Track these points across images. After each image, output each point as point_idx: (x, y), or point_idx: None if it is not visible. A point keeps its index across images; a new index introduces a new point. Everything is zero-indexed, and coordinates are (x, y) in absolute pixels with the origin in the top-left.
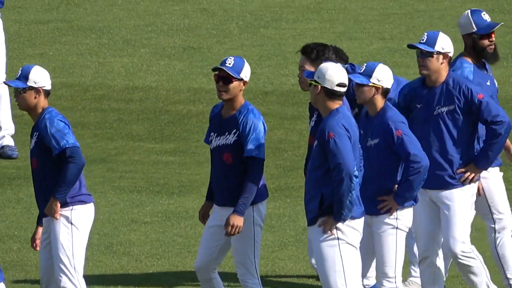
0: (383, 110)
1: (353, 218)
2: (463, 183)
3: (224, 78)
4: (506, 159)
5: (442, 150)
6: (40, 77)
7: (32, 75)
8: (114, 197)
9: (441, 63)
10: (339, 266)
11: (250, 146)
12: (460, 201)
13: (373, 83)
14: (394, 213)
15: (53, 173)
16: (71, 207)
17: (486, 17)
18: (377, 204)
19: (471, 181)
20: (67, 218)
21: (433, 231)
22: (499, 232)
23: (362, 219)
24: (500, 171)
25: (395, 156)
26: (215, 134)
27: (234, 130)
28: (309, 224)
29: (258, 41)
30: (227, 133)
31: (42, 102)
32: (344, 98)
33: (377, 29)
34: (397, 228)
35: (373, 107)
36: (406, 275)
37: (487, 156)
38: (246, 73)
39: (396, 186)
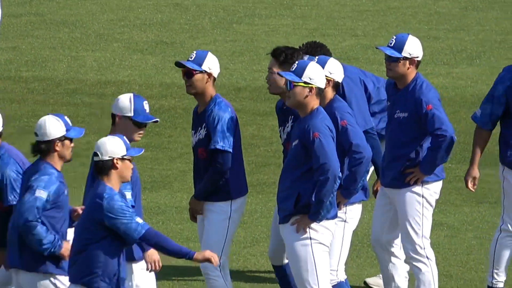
0: (331, 101)
1: (327, 218)
2: (408, 183)
3: (187, 72)
4: None
5: (395, 151)
6: (214, 63)
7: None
8: None
9: (408, 68)
10: (311, 266)
11: (214, 138)
12: (407, 202)
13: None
14: (343, 208)
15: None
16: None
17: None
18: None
19: (416, 182)
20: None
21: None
22: (501, 232)
23: (335, 220)
24: None
25: (339, 147)
26: (193, 131)
27: (204, 125)
28: (281, 222)
29: (231, 36)
30: (199, 128)
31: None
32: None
33: (350, 26)
34: (345, 221)
35: (323, 100)
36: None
37: (430, 164)
38: (209, 65)
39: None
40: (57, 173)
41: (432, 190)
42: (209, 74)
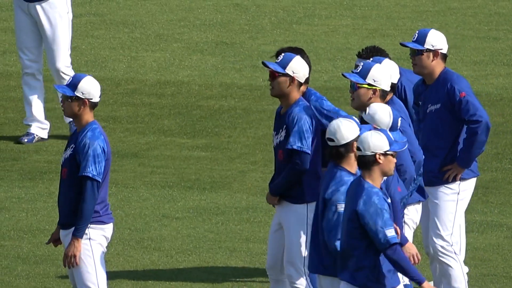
0: (387, 103)
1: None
2: (446, 181)
3: (271, 74)
4: None
5: (431, 147)
6: (89, 88)
7: (81, 85)
8: (146, 192)
9: (432, 60)
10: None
11: (291, 138)
12: (444, 198)
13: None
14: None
15: (78, 189)
16: (89, 225)
17: None
18: None
19: (454, 179)
20: (85, 234)
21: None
22: None
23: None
24: None
25: None
26: (275, 132)
27: (284, 126)
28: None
29: (290, 37)
30: (280, 130)
31: (87, 114)
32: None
33: (409, 26)
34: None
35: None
36: None
37: (468, 154)
38: (293, 69)
39: None
40: (351, 177)
41: (468, 187)
42: (293, 78)
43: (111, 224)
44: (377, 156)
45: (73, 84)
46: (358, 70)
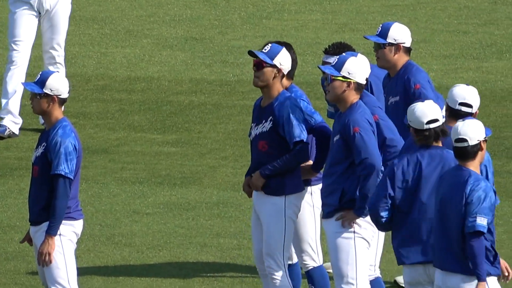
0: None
1: None
2: None
3: (257, 64)
4: None
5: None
6: (57, 85)
7: (50, 81)
8: (116, 188)
9: (394, 54)
10: (352, 259)
11: (295, 131)
12: None
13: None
14: None
15: (50, 187)
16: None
17: None
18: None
19: None
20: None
21: None
22: None
23: None
24: None
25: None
26: (254, 124)
27: (270, 118)
28: (325, 217)
29: (260, 32)
30: (264, 121)
31: (56, 111)
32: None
33: (379, 21)
34: None
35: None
36: None
37: None
38: (281, 60)
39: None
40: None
41: None
42: (279, 70)
43: (81, 220)
44: (481, 143)
45: (41, 81)
46: (334, 63)
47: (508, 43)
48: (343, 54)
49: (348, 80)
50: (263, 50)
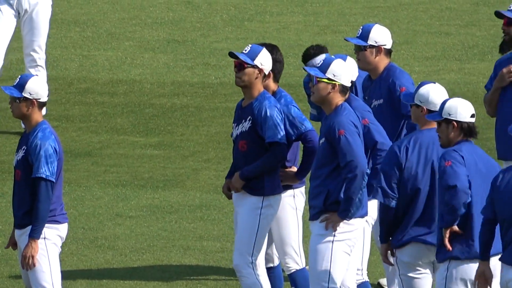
0: (348, 101)
1: (356, 216)
2: None
3: (238, 64)
4: None
5: None
6: (36, 88)
7: (29, 85)
8: (99, 191)
9: (375, 57)
10: (327, 263)
11: (268, 132)
12: None
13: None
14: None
15: (33, 190)
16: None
17: None
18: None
19: None
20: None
21: None
22: None
23: (365, 218)
24: None
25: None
26: (235, 124)
27: (249, 117)
28: (311, 219)
29: (242, 34)
30: (243, 121)
31: (36, 114)
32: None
33: (361, 22)
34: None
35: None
36: None
37: None
38: (261, 61)
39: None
40: None
41: None
42: (260, 70)
43: (66, 224)
44: None
45: (20, 85)
46: (319, 64)
47: (490, 45)
48: (330, 56)
49: (333, 82)
50: (244, 51)
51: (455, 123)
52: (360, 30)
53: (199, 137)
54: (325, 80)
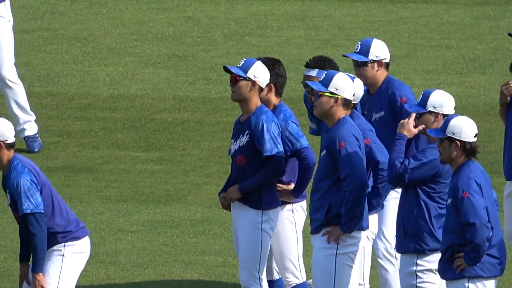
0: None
1: (358, 229)
2: None
3: (232, 79)
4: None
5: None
6: (2, 131)
7: None
8: (100, 207)
9: (377, 71)
10: (331, 275)
11: (266, 146)
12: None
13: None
14: None
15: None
16: (63, 243)
17: None
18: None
19: None
20: (59, 251)
21: None
22: None
23: (367, 231)
24: None
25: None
26: (234, 140)
27: (247, 131)
28: (313, 232)
29: (243, 48)
30: (241, 136)
31: (5, 155)
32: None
33: (362, 36)
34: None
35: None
36: None
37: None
38: (255, 73)
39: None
40: None
41: None
42: (254, 82)
43: (87, 237)
44: None
45: None
46: (321, 79)
47: (491, 58)
48: (336, 71)
49: (336, 95)
50: (238, 65)
51: (458, 143)
52: (359, 45)
53: (200, 151)
54: (328, 94)
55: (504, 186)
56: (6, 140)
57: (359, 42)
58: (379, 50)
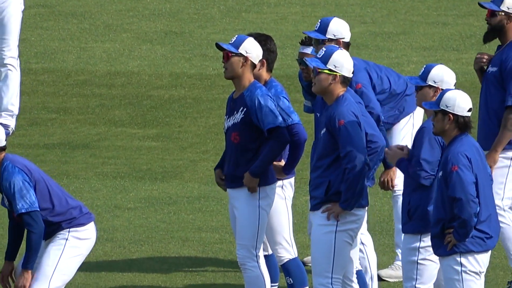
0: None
1: (358, 206)
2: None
3: (224, 55)
4: None
5: None
6: None
7: None
8: (97, 183)
9: None
10: (329, 252)
11: (265, 121)
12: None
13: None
14: None
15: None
16: (67, 229)
17: None
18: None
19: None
20: (63, 235)
21: None
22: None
23: (366, 208)
24: None
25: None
26: (227, 116)
27: (241, 108)
28: (312, 209)
29: (240, 25)
30: (235, 112)
31: None
32: None
33: (358, 13)
34: None
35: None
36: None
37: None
38: (246, 48)
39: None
40: None
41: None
42: (246, 58)
43: (92, 223)
44: None
45: None
46: (320, 56)
47: None
48: (330, 47)
49: (334, 73)
50: (230, 42)
51: (451, 116)
52: (318, 23)
53: (197, 128)
54: (326, 71)
55: None
56: None
57: (319, 20)
58: (337, 29)
